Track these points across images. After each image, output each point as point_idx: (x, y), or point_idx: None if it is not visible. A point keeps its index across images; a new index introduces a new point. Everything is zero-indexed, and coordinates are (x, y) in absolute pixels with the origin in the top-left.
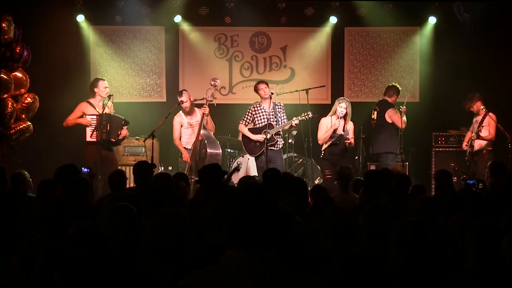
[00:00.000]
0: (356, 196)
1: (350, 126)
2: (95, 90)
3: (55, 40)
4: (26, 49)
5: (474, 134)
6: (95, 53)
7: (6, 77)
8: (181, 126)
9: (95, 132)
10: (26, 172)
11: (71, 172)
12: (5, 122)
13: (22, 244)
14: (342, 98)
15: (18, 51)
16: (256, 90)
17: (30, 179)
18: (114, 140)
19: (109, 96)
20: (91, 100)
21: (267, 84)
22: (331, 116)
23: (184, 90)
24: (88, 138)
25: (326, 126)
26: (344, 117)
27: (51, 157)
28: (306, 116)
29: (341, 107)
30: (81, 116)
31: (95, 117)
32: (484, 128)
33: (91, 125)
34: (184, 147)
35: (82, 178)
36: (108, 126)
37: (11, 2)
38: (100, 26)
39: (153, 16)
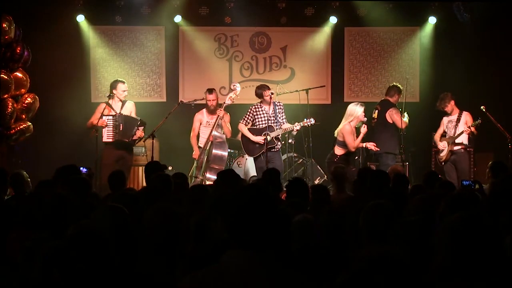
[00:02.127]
0: (352, 196)
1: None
2: (114, 92)
3: (55, 40)
4: (27, 49)
5: (467, 129)
6: (95, 53)
7: (6, 77)
8: (200, 124)
9: (110, 133)
10: (24, 172)
11: (72, 173)
12: (5, 122)
13: (25, 243)
14: (357, 103)
15: (18, 51)
16: (260, 95)
17: (29, 179)
18: (127, 140)
19: (109, 96)
20: (110, 101)
21: (269, 87)
22: (350, 122)
23: (214, 89)
24: (104, 139)
25: (351, 132)
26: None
27: (51, 157)
28: (308, 123)
29: (363, 112)
30: (100, 118)
31: (111, 117)
32: (462, 127)
33: (106, 125)
34: (199, 146)
35: (82, 178)
36: (121, 127)
37: (11, 2)
38: (100, 26)
39: (153, 16)
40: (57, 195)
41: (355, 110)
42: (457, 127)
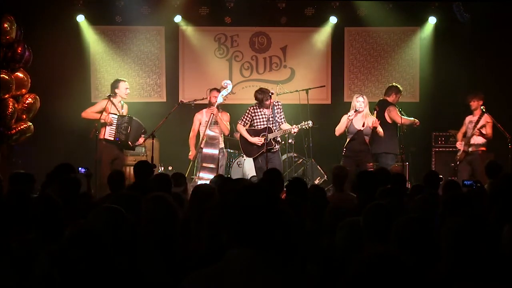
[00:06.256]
0: (352, 195)
1: (370, 119)
2: (116, 91)
3: (55, 40)
4: (28, 50)
5: (476, 130)
6: (95, 53)
7: (7, 77)
8: (200, 123)
9: (113, 132)
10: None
11: (67, 172)
12: (6, 123)
13: (13, 243)
14: (358, 94)
15: (19, 51)
16: (260, 100)
17: None
18: (131, 144)
19: (109, 96)
20: (113, 99)
21: (271, 95)
22: (349, 113)
23: (217, 88)
24: (106, 136)
25: (342, 121)
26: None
27: (51, 157)
28: (306, 125)
29: (359, 101)
30: (100, 112)
31: (116, 116)
32: (481, 128)
33: (112, 123)
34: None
35: (73, 178)
36: (129, 129)
37: (12, 2)
38: (100, 26)
39: (153, 16)
40: (45, 196)
41: (353, 101)
42: (475, 129)
